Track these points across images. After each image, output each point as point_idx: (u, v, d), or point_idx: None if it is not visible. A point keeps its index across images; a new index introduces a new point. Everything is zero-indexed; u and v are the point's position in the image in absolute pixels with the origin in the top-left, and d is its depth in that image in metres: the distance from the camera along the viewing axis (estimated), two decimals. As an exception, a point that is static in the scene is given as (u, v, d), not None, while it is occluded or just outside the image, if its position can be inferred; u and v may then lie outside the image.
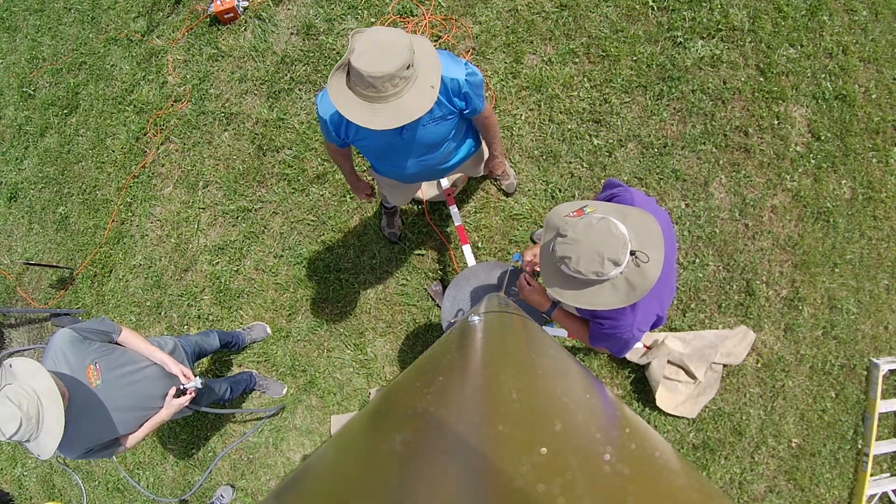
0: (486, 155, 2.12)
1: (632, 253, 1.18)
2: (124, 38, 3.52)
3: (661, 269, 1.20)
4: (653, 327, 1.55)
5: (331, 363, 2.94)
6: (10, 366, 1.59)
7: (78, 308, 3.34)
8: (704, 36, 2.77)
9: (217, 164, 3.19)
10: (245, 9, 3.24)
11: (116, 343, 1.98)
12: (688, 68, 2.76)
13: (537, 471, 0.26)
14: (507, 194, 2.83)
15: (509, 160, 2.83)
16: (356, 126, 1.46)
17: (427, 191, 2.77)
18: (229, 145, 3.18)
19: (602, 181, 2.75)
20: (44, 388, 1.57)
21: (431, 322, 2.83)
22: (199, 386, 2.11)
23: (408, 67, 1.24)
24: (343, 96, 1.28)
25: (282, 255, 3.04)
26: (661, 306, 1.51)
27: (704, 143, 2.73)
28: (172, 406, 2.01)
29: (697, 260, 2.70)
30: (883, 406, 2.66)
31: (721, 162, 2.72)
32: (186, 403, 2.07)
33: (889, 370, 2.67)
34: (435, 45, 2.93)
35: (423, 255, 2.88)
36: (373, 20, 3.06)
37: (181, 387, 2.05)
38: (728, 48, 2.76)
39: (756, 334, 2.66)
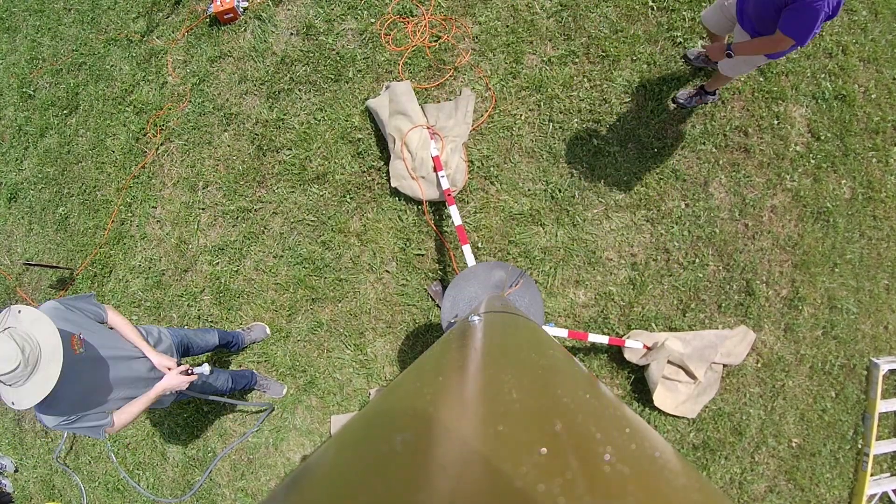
0: None
1: None
2: (124, 39, 3.52)
3: None
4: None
5: (331, 363, 2.94)
6: (20, 311, 1.64)
7: (78, 308, 3.34)
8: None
9: (217, 165, 3.19)
10: (245, 9, 3.25)
11: (108, 327, 2.00)
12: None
13: (537, 471, 0.26)
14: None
15: (510, 160, 2.83)
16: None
17: (427, 191, 2.77)
18: (229, 145, 3.19)
19: (603, 181, 2.76)
20: (50, 345, 1.62)
21: (431, 322, 2.83)
22: (206, 373, 2.10)
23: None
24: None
25: (282, 256, 3.04)
26: None
27: (704, 143, 2.73)
28: (172, 380, 1.99)
29: (697, 260, 2.70)
30: (883, 406, 2.67)
31: (721, 162, 2.72)
32: (185, 385, 2.04)
33: (889, 370, 2.68)
34: (434, 46, 2.95)
35: (423, 255, 2.88)
36: (372, 20, 3.06)
37: (190, 370, 2.05)
38: (728, 48, 2.76)
39: (756, 334, 2.66)
